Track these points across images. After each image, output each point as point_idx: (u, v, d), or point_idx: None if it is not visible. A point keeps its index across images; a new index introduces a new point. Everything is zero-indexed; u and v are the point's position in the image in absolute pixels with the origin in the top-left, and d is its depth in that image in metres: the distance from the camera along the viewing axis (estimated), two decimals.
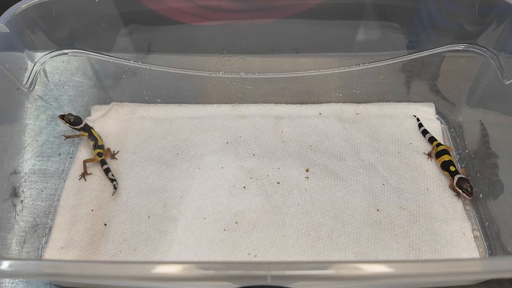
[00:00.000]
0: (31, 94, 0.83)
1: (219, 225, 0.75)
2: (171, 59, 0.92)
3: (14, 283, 0.72)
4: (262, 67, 0.93)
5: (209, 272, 0.46)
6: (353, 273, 0.46)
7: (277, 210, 0.77)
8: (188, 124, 0.91)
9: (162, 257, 0.72)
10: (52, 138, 0.87)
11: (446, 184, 0.80)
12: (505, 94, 0.78)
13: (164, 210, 0.78)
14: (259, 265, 0.50)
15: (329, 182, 0.81)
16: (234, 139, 0.88)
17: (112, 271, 0.47)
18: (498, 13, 0.77)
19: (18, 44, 0.79)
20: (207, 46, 0.91)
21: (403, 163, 0.84)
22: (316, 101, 0.94)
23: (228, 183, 0.81)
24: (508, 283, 0.70)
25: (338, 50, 0.94)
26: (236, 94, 0.94)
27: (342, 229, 0.75)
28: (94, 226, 0.76)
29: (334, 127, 0.89)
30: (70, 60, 0.90)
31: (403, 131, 0.89)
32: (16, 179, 0.79)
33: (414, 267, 0.47)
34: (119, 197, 0.80)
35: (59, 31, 0.84)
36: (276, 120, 0.91)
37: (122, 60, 0.90)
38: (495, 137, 0.81)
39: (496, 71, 0.79)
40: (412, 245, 0.73)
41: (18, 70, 0.80)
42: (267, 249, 0.73)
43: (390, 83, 0.93)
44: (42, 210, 0.78)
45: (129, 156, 0.86)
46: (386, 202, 0.78)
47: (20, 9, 0.76)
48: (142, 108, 0.93)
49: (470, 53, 0.84)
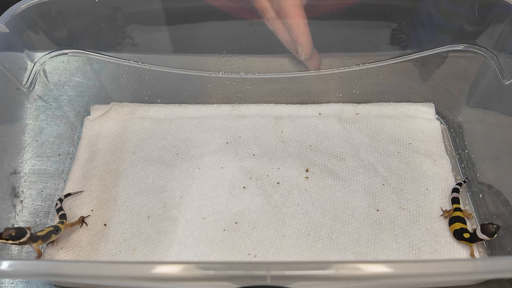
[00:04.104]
0: (31, 94, 0.83)
1: (219, 225, 0.75)
2: (171, 59, 0.92)
3: (14, 283, 0.71)
4: (262, 67, 0.93)
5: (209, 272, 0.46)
6: (353, 273, 0.46)
7: (277, 210, 0.77)
8: (188, 124, 0.91)
9: (162, 257, 0.72)
10: (52, 138, 0.87)
11: (446, 184, 0.80)
12: (505, 94, 0.78)
13: (164, 210, 0.78)
14: (258, 265, 0.50)
15: (329, 182, 0.81)
16: (234, 139, 0.88)
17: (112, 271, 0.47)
18: (497, 13, 0.77)
19: (18, 44, 0.79)
20: (207, 46, 0.91)
21: (403, 163, 0.84)
22: (316, 101, 0.94)
23: (228, 183, 0.81)
24: (508, 283, 0.70)
25: (338, 50, 0.94)
26: (236, 94, 0.94)
27: (342, 229, 0.75)
28: (94, 226, 0.76)
29: (334, 127, 0.89)
30: (70, 60, 0.90)
31: (402, 131, 0.89)
32: (16, 179, 0.79)
33: (414, 267, 0.47)
34: (118, 197, 0.80)
35: (59, 31, 0.84)
36: (276, 120, 0.91)
37: (122, 60, 0.90)
38: (494, 137, 0.81)
39: (496, 71, 0.79)
40: (412, 245, 0.73)
41: (18, 70, 0.80)
42: (267, 249, 0.73)
43: (390, 83, 0.93)
44: (42, 210, 0.78)
45: (129, 156, 0.86)
46: (386, 202, 0.78)
47: (20, 9, 0.76)
48: (142, 108, 0.93)
49: (470, 53, 0.84)
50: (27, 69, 0.82)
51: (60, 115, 0.90)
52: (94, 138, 0.88)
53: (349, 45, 0.93)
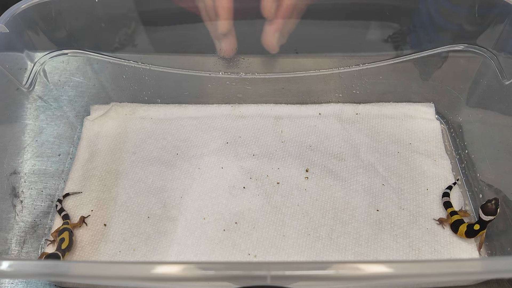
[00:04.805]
0: (30, 94, 0.83)
1: (219, 225, 0.75)
2: (171, 59, 0.92)
3: (14, 283, 0.71)
4: (262, 67, 0.93)
5: (208, 272, 0.46)
6: (353, 273, 0.46)
7: (276, 210, 0.77)
8: (188, 124, 0.91)
9: (161, 258, 0.72)
10: (51, 138, 0.87)
11: (446, 184, 0.80)
12: (505, 94, 0.78)
13: (164, 211, 0.78)
14: (258, 265, 0.50)
15: (329, 182, 0.81)
16: (234, 139, 0.88)
17: (112, 271, 0.47)
18: (497, 13, 0.77)
19: (18, 44, 0.79)
20: (207, 46, 0.91)
21: (403, 163, 0.84)
22: (315, 101, 0.94)
23: (228, 183, 0.81)
24: (507, 283, 0.70)
25: (338, 50, 0.94)
26: (236, 94, 0.94)
27: (342, 229, 0.75)
28: (94, 226, 0.76)
29: (334, 127, 0.89)
30: (70, 60, 0.90)
31: (402, 131, 0.89)
32: (16, 179, 0.79)
33: (414, 267, 0.47)
34: (118, 198, 0.80)
35: (59, 31, 0.84)
36: (276, 120, 0.91)
37: (122, 60, 0.90)
38: (494, 137, 0.81)
39: (496, 71, 0.79)
40: (412, 245, 0.73)
41: (18, 70, 0.80)
42: (267, 249, 0.73)
43: (390, 83, 0.93)
44: (42, 210, 0.78)
45: (129, 156, 0.86)
46: (385, 202, 0.78)
47: (20, 9, 0.76)
48: (142, 108, 0.93)
49: (469, 53, 0.84)
50: (27, 69, 0.82)
51: (60, 115, 0.90)
52: (94, 138, 0.88)
53: (349, 45, 0.93)
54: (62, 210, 0.76)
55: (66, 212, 0.77)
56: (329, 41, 0.94)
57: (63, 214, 0.76)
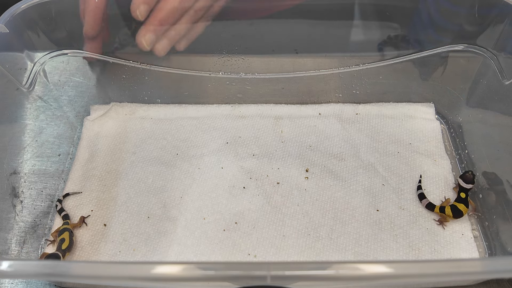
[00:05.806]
0: (30, 94, 0.83)
1: (219, 226, 0.75)
2: (171, 59, 0.92)
3: (14, 283, 0.72)
4: (261, 67, 0.93)
5: (208, 273, 0.46)
6: (353, 273, 0.46)
7: (276, 210, 0.77)
8: (188, 124, 0.91)
9: (161, 258, 0.72)
10: (51, 139, 0.87)
11: (446, 184, 0.80)
12: (505, 94, 0.78)
13: (164, 211, 0.78)
14: (258, 265, 0.50)
15: (329, 182, 0.81)
16: (233, 139, 0.88)
17: (112, 272, 0.47)
18: (497, 14, 0.77)
19: (18, 44, 0.79)
20: (207, 46, 0.91)
21: (403, 163, 0.84)
22: (315, 101, 0.94)
23: (228, 184, 0.81)
24: (507, 283, 0.70)
25: (338, 50, 0.94)
26: (235, 94, 0.94)
27: (342, 229, 0.75)
28: (94, 227, 0.76)
29: (334, 127, 0.89)
30: (70, 60, 0.90)
31: (402, 131, 0.89)
32: (16, 179, 0.79)
33: (414, 267, 0.47)
34: (118, 198, 0.80)
35: (59, 31, 0.84)
36: (276, 121, 0.91)
37: (122, 60, 0.90)
38: (494, 137, 0.81)
39: (496, 71, 0.79)
40: (412, 245, 0.73)
41: (18, 70, 0.80)
42: (267, 249, 0.73)
43: (389, 83, 0.93)
44: (42, 211, 0.78)
45: (129, 157, 0.86)
46: (385, 202, 0.78)
47: (20, 10, 0.76)
48: (142, 108, 0.93)
49: (469, 53, 0.84)
50: (27, 69, 0.82)
51: (60, 115, 0.90)
52: (94, 138, 0.88)
53: (349, 45, 0.93)
54: (62, 210, 0.76)
55: (66, 212, 0.77)
56: (329, 41, 0.94)
57: (63, 214, 0.76)
